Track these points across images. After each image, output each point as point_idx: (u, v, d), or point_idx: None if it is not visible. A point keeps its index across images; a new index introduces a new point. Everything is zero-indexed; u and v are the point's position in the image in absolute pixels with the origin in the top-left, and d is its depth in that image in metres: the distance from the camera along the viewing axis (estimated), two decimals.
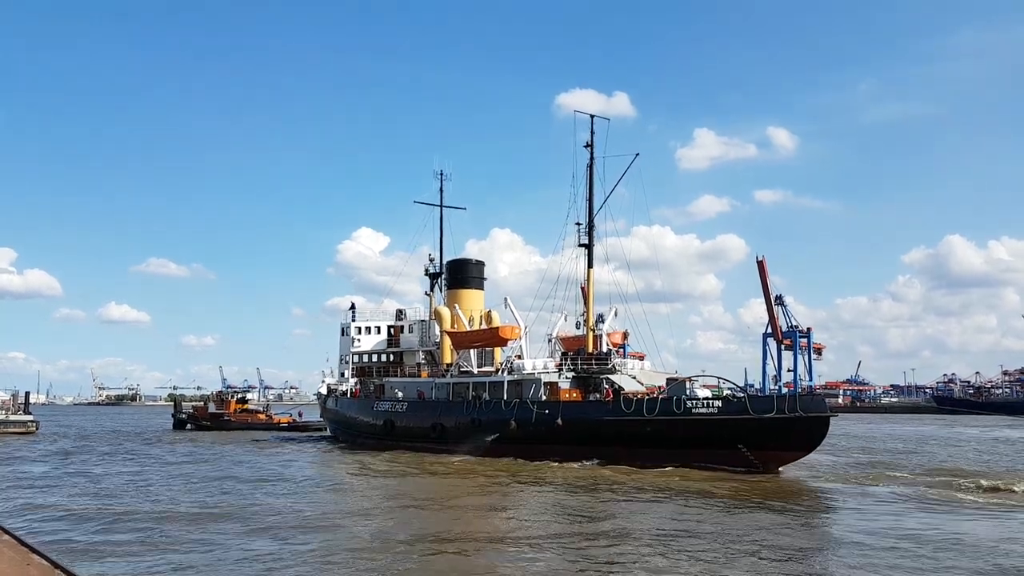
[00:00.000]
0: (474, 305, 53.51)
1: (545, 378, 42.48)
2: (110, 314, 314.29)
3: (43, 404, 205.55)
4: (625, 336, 53.09)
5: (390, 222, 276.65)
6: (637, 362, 47.87)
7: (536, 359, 44.86)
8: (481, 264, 56.54)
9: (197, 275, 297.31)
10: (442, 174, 59.92)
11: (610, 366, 42.65)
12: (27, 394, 71.16)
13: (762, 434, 34.04)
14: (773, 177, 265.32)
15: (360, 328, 58.43)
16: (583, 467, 35.88)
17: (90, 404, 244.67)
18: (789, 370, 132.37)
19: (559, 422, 38.53)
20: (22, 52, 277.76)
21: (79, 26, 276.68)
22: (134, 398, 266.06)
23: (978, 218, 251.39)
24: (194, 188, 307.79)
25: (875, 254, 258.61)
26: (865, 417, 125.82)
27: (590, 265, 45.91)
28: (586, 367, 42.88)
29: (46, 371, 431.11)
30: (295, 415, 77.27)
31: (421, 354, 54.89)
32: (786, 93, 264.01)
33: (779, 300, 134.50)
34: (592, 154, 45.59)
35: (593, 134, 45.72)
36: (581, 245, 45.82)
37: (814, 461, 37.20)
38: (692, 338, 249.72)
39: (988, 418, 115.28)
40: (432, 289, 58.32)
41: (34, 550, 8.30)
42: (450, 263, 56.44)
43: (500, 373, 45.17)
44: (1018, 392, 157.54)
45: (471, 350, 49.14)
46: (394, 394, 51.14)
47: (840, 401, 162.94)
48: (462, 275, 54.96)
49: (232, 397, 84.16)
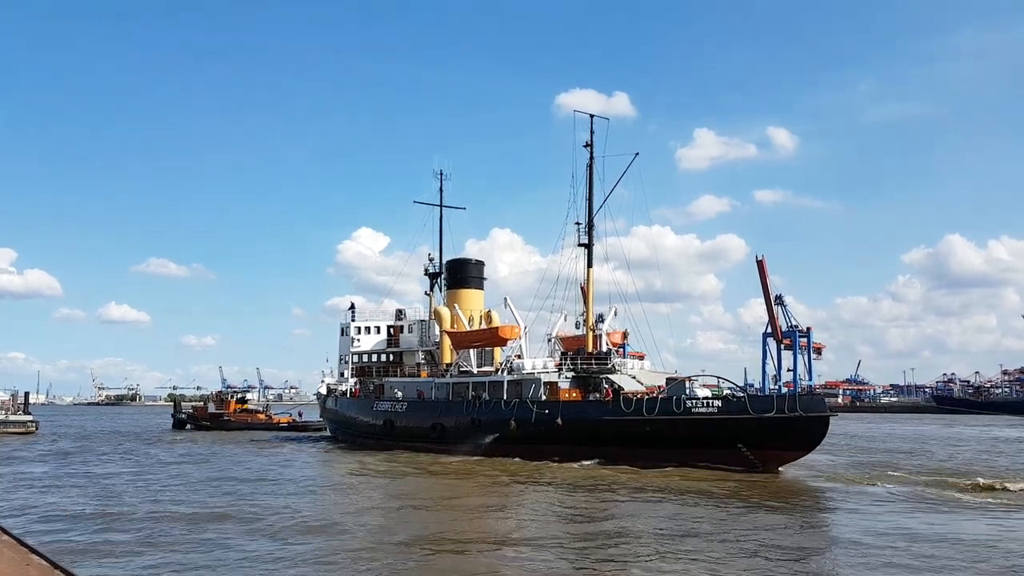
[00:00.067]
0: (474, 305, 53.50)
1: (545, 378, 42.48)
2: (110, 314, 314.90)
3: (43, 404, 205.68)
4: (625, 336, 53.12)
5: (390, 222, 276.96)
6: (637, 362, 47.82)
7: (536, 359, 44.86)
8: (481, 264, 56.54)
9: (197, 275, 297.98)
10: (442, 174, 60.04)
11: (610, 366, 42.66)
12: (27, 394, 71.30)
13: (762, 434, 34.07)
14: (773, 177, 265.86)
15: (360, 328, 58.41)
16: (583, 467, 35.88)
17: (90, 404, 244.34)
18: (789, 370, 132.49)
19: (559, 422, 38.54)
20: (22, 52, 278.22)
21: (79, 26, 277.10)
22: (134, 398, 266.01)
23: (978, 218, 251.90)
24: (194, 188, 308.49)
25: (875, 254, 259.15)
26: (865, 417, 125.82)
27: (590, 265, 45.93)
28: (586, 367, 42.91)
29: (46, 371, 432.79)
30: (295, 415, 77.27)
31: (421, 354, 54.87)
32: (786, 93, 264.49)
33: (779, 300, 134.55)
34: (592, 154, 45.66)
35: (593, 134, 45.85)
36: (581, 245, 45.87)
37: (814, 461, 37.21)
38: (692, 338, 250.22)
39: (988, 418, 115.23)
40: (432, 289, 58.31)
41: (33, 550, 8.31)
42: (450, 263, 56.44)
43: (500, 373, 45.18)
44: (1018, 392, 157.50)
45: (471, 350, 49.13)
46: (394, 394, 51.13)
47: (840, 401, 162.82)
48: (462, 275, 54.96)
49: (232, 397, 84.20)
